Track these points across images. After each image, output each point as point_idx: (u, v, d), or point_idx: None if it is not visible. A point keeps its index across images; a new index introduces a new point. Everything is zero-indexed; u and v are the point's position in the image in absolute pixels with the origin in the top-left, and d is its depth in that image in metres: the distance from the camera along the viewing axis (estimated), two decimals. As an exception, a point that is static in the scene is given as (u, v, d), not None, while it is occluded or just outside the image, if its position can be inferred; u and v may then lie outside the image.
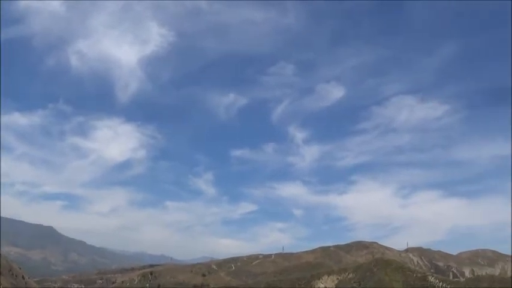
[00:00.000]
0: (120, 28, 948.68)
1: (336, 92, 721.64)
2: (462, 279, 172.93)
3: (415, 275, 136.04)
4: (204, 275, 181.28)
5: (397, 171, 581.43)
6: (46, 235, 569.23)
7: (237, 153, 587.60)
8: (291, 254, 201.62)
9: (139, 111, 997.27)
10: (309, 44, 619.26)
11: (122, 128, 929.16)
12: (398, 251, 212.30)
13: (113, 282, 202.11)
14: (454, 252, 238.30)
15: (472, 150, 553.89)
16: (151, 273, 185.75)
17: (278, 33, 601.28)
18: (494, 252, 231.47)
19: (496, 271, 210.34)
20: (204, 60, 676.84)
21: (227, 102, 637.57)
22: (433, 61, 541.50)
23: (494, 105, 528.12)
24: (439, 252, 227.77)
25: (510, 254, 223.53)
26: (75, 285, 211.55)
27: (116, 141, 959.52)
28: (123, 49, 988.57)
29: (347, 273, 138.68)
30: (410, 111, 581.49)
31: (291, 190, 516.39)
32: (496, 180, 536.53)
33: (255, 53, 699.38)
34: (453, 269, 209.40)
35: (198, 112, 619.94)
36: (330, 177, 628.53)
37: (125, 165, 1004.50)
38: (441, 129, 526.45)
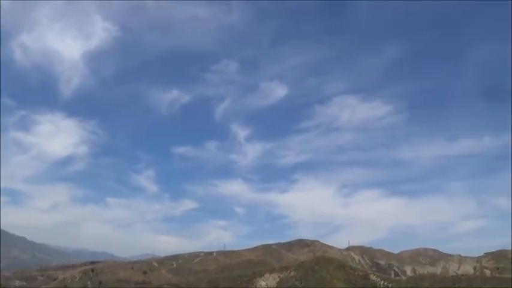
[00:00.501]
0: (64, 22, 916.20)
1: (279, 91, 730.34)
2: (404, 278, 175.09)
3: (356, 274, 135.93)
4: (145, 272, 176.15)
5: (339, 170, 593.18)
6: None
7: (179, 150, 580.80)
8: (233, 251, 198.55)
9: (81, 106, 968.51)
10: (253, 42, 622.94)
11: (63, 123, 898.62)
12: (340, 249, 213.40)
13: (55, 279, 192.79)
14: (396, 251, 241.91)
15: (414, 150, 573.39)
16: (92, 270, 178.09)
17: (222, 30, 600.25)
18: (435, 251, 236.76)
19: (438, 270, 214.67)
20: (148, 56, 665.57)
21: (170, 98, 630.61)
22: (376, 61, 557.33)
23: (436, 106, 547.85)
24: (380, 250, 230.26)
25: (451, 253, 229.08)
26: (17, 282, 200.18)
27: (58, 136, 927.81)
28: (66, 43, 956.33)
29: (288, 271, 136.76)
30: (352, 111, 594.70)
31: (233, 188, 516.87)
32: (436, 180, 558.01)
33: (199, 50, 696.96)
34: (395, 268, 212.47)
35: (140, 108, 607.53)
36: (272, 175, 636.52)
37: (67, 160, 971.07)
38: (383, 129, 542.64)
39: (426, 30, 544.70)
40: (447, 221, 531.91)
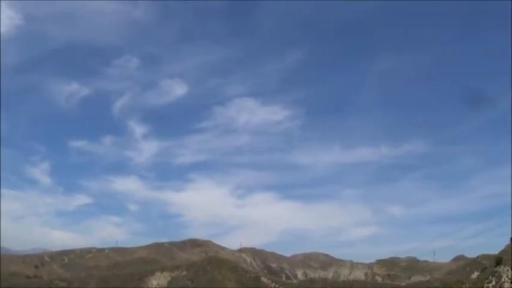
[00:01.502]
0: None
1: (178, 89, 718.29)
2: (295, 281, 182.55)
3: (248, 275, 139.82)
4: (36, 267, 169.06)
5: (234, 171, 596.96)
6: None
7: (75, 144, 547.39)
8: (125, 248, 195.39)
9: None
10: (156, 40, 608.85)
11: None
12: (232, 250, 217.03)
13: None
14: (288, 254, 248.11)
15: (310, 156, 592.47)
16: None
17: (126, 26, 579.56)
18: (327, 256, 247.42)
19: (329, 274, 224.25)
20: (50, 47, 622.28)
21: (69, 91, 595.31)
22: (277, 66, 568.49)
23: (334, 113, 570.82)
24: (272, 253, 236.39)
25: (343, 258, 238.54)
26: None
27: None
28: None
29: (180, 271, 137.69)
30: (251, 114, 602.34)
31: (128, 184, 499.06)
32: (331, 187, 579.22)
33: (101, 43, 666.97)
34: (286, 271, 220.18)
35: (38, 100, 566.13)
36: (168, 173, 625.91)
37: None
38: (280, 133, 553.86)
39: (329, 38, 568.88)
40: (340, 227, 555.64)
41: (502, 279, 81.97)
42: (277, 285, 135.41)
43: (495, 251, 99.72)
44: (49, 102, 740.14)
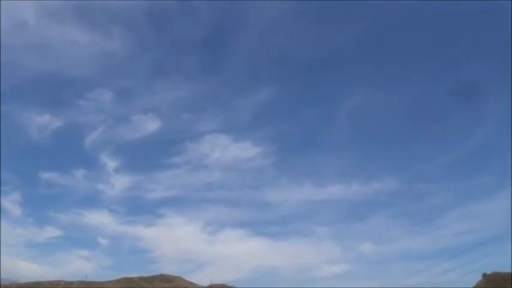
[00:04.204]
0: None
1: (151, 124, 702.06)
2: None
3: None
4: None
5: (206, 207, 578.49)
6: None
7: (46, 175, 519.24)
8: (94, 282, 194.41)
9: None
10: (130, 73, 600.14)
11: None
12: (203, 286, 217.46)
13: None
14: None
15: (281, 193, 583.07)
16: None
17: (101, 57, 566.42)
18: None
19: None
20: (23, 76, 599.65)
21: (42, 122, 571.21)
22: (250, 102, 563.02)
23: (305, 150, 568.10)
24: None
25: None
26: None
27: None
28: None
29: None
30: (223, 150, 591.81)
31: (98, 218, 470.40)
32: (302, 224, 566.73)
33: (75, 75, 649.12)
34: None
35: (10, 129, 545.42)
36: (139, 208, 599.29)
37: None
38: (252, 170, 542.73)
39: (301, 74, 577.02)
40: (311, 264, 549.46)
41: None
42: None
43: (468, 286, 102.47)
44: (21, 132, 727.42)
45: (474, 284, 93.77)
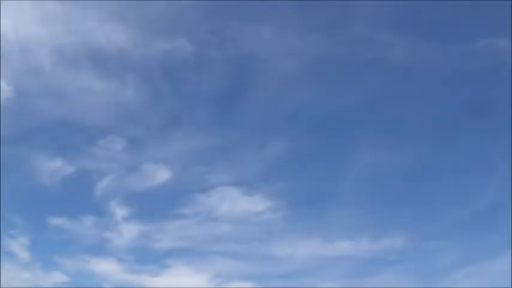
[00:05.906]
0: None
1: (162, 174, 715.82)
2: None
3: None
4: None
5: (213, 259, 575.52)
6: None
7: (55, 221, 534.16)
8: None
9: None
10: (143, 122, 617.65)
11: None
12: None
13: None
14: None
15: (289, 247, 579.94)
16: None
17: (114, 106, 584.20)
18: None
19: None
20: (37, 121, 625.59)
21: (53, 167, 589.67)
22: (261, 156, 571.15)
23: (315, 205, 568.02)
24: None
25: None
26: None
27: None
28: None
29: None
30: (233, 203, 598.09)
31: (105, 266, 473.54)
32: (309, 279, 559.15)
33: (88, 122, 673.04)
34: None
35: (21, 173, 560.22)
36: (146, 257, 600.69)
37: None
38: (261, 223, 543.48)
39: (313, 130, 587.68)
40: None
41: None
42: None
43: None
44: (32, 176, 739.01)
45: None
